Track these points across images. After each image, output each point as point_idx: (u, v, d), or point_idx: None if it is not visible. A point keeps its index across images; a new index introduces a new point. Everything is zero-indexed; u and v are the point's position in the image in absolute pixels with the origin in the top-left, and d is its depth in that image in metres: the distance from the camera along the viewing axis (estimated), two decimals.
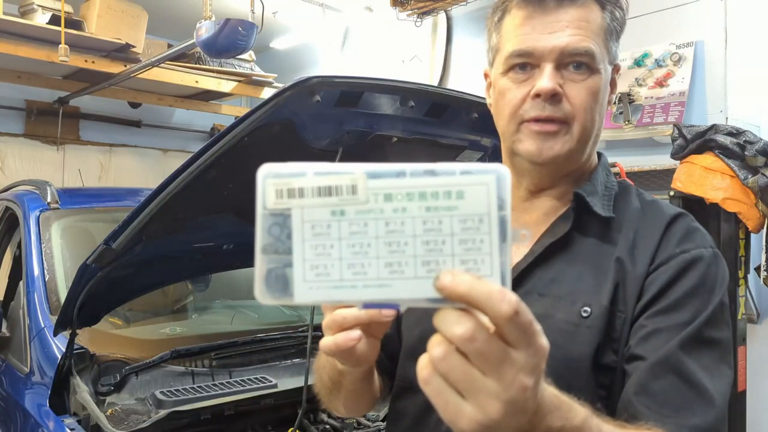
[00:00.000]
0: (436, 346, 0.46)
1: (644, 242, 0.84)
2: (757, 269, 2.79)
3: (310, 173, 0.47)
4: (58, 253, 2.29)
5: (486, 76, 0.94)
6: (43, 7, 4.01)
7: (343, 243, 0.46)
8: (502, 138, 0.89)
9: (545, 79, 0.81)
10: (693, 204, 2.71)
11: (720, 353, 0.78)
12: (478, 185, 0.46)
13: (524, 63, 0.84)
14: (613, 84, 0.91)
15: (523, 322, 0.46)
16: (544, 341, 0.48)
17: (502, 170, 0.46)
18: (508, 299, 0.45)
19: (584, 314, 0.80)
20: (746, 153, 2.60)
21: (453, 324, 0.45)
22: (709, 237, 0.86)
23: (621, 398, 0.77)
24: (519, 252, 0.88)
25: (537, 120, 0.83)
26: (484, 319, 0.46)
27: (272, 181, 0.47)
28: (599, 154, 0.95)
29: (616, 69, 0.91)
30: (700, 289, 0.79)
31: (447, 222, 0.46)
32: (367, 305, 0.48)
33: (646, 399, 0.73)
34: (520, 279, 0.85)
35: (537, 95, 0.82)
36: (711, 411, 0.73)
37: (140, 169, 5.70)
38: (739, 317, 2.67)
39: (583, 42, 0.82)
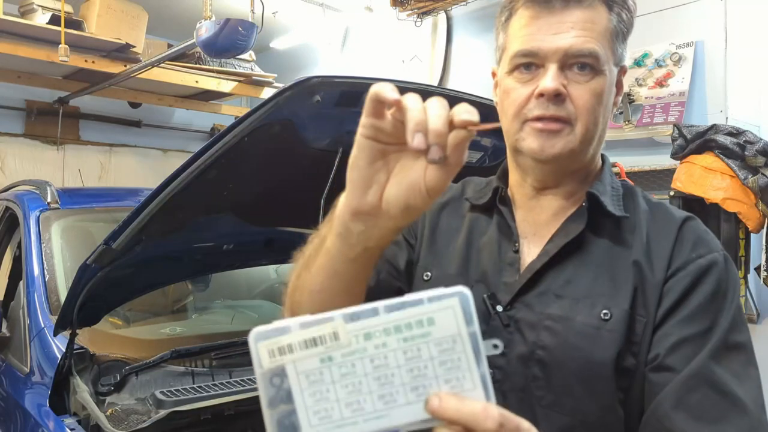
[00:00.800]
0: None
1: (658, 246, 0.85)
2: (757, 269, 2.79)
3: (295, 328, 0.51)
4: (58, 253, 2.29)
5: (494, 75, 0.95)
6: (43, 7, 4.01)
7: (337, 385, 0.51)
8: (506, 136, 0.89)
9: (548, 79, 0.82)
10: (693, 204, 2.71)
11: (746, 356, 0.79)
12: (444, 309, 0.51)
13: (529, 63, 0.84)
14: (619, 85, 0.91)
15: (510, 430, 0.50)
16: None
17: (463, 291, 0.51)
18: (491, 416, 0.49)
19: (604, 317, 0.80)
20: (746, 153, 2.60)
21: None
22: (717, 240, 0.87)
23: (654, 409, 0.77)
24: (531, 252, 0.88)
25: (540, 119, 0.83)
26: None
27: (263, 343, 0.51)
28: (603, 156, 0.95)
29: (622, 71, 0.91)
30: (718, 294, 0.80)
31: (425, 348, 0.51)
32: None
33: (684, 413, 0.75)
34: (535, 279, 0.85)
35: (540, 95, 0.82)
36: (745, 419, 0.74)
37: (140, 169, 5.70)
38: None
39: (588, 44, 0.82)
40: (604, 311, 0.81)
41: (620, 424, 0.79)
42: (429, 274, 0.93)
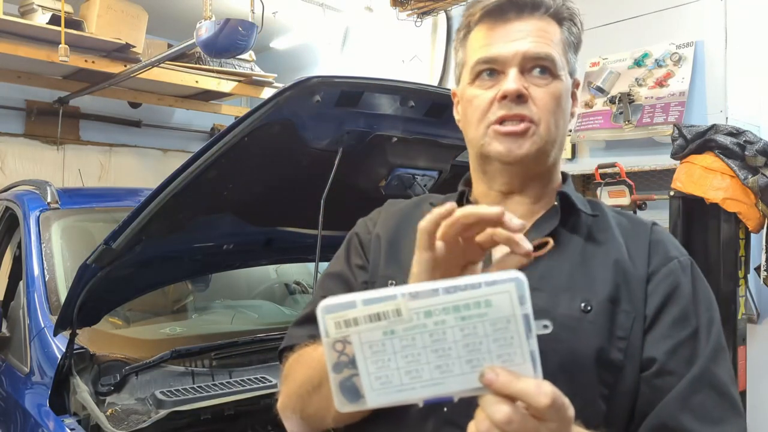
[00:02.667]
0: (481, 422, 0.56)
1: (635, 245, 0.88)
2: (757, 269, 2.78)
3: (360, 303, 0.56)
4: (58, 253, 2.29)
5: (454, 95, 0.97)
6: (43, 7, 4.01)
7: (398, 355, 0.56)
8: (471, 145, 0.91)
9: (510, 81, 0.84)
10: (693, 204, 2.71)
11: (728, 355, 0.84)
12: (501, 293, 0.55)
13: (491, 69, 0.87)
14: (573, 97, 0.93)
15: (557, 406, 0.55)
16: (571, 413, 0.57)
17: (519, 276, 0.55)
18: (545, 392, 0.54)
19: (585, 309, 0.82)
20: (746, 153, 2.60)
21: (493, 409, 0.55)
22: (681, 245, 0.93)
23: (660, 410, 0.79)
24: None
25: (504, 119, 0.85)
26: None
27: (330, 316, 0.56)
28: (564, 175, 0.97)
29: (575, 84, 0.94)
30: (698, 295, 0.85)
31: (480, 326, 0.55)
32: (426, 401, 0.57)
33: (689, 414, 0.78)
34: None
35: (503, 97, 0.84)
36: (740, 419, 0.80)
37: (140, 169, 5.70)
38: (739, 317, 2.67)
39: (544, 48, 0.86)
40: (584, 303, 0.82)
41: (600, 419, 0.80)
42: (393, 282, 0.91)
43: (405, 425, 0.84)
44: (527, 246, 0.63)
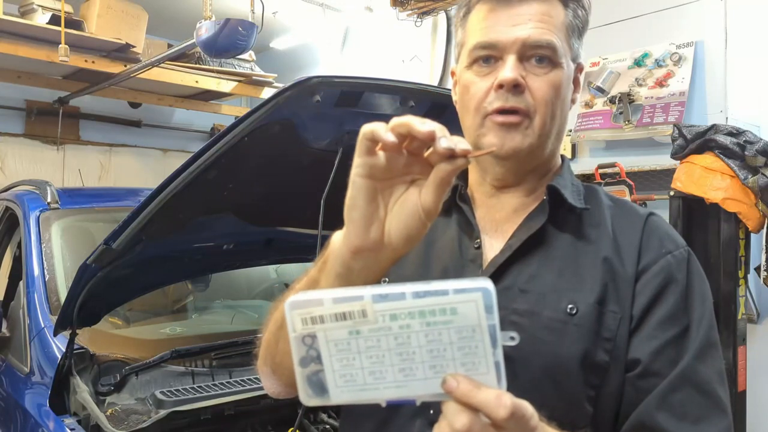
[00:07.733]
0: (443, 428, 0.56)
1: (626, 239, 0.85)
2: (757, 269, 2.78)
3: (327, 302, 0.55)
4: (58, 253, 2.29)
5: (452, 74, 0.94)
6: (43, 7, 4.01)
7: (363, 355, 0.56)
8: (467, 133, 0.88)
9: (507, 69, 0.81)
10: (693, 204, 2.71)
11: (720, 352, 0.81)
12: (467, 302, 0.54)
13: (488, 56, 0.84)
14: (576, 83, 0.91)
15: (518, 418, 0.54)
16: (534, 423, 0.56)
17: (487, 286, 0.54)
18: (504, 404, 0.53)
19: (571, 311, 0.80)
20: (746, 153, 2.60)
21: (454, 417, 0.54)
22: (680, 236, 0.89)
23: (639, 411, 0.78)
24: (494, 248, 0.87)
25: (500, 111, 0.83)
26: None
27: (297, 312, 0.56)
28: (562, 157, 0.95)
29: (579, 69, 0.91)
30: (688, 290, 0.82)
31: (445, 333, 0.55)
32: (389, 402, 0.57)
33: (667, 413, 0.76)
34: (499, 275, 0.83)
35: (500, 86, 0.82)
36: (725, 419, 0.77)
37: (140, 169, 5.70)
38: (739, 317, 2.67)
39: (546, 35, 0.82)
40: (570, 305, 0.80)
41: (586, 421, 0.79)
42: (386, 279, 0.89)
43: (393, 425, 0.84)
44: (464, 146, 0.59)
